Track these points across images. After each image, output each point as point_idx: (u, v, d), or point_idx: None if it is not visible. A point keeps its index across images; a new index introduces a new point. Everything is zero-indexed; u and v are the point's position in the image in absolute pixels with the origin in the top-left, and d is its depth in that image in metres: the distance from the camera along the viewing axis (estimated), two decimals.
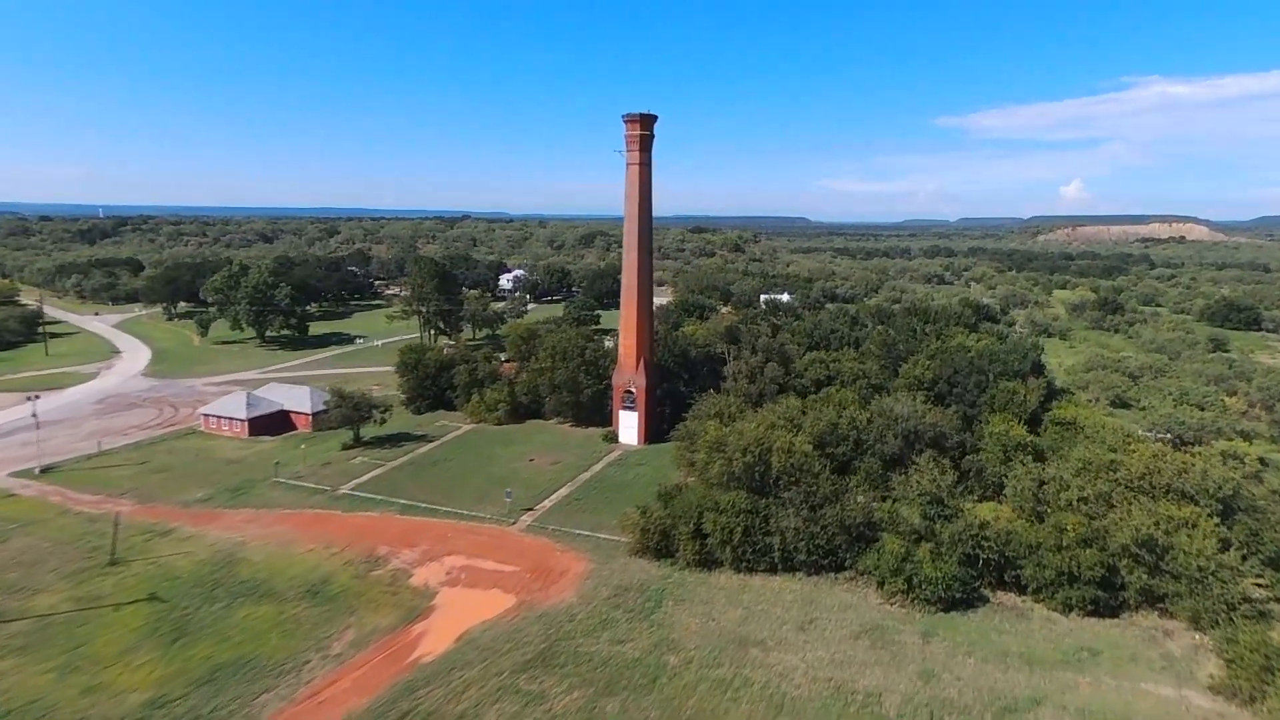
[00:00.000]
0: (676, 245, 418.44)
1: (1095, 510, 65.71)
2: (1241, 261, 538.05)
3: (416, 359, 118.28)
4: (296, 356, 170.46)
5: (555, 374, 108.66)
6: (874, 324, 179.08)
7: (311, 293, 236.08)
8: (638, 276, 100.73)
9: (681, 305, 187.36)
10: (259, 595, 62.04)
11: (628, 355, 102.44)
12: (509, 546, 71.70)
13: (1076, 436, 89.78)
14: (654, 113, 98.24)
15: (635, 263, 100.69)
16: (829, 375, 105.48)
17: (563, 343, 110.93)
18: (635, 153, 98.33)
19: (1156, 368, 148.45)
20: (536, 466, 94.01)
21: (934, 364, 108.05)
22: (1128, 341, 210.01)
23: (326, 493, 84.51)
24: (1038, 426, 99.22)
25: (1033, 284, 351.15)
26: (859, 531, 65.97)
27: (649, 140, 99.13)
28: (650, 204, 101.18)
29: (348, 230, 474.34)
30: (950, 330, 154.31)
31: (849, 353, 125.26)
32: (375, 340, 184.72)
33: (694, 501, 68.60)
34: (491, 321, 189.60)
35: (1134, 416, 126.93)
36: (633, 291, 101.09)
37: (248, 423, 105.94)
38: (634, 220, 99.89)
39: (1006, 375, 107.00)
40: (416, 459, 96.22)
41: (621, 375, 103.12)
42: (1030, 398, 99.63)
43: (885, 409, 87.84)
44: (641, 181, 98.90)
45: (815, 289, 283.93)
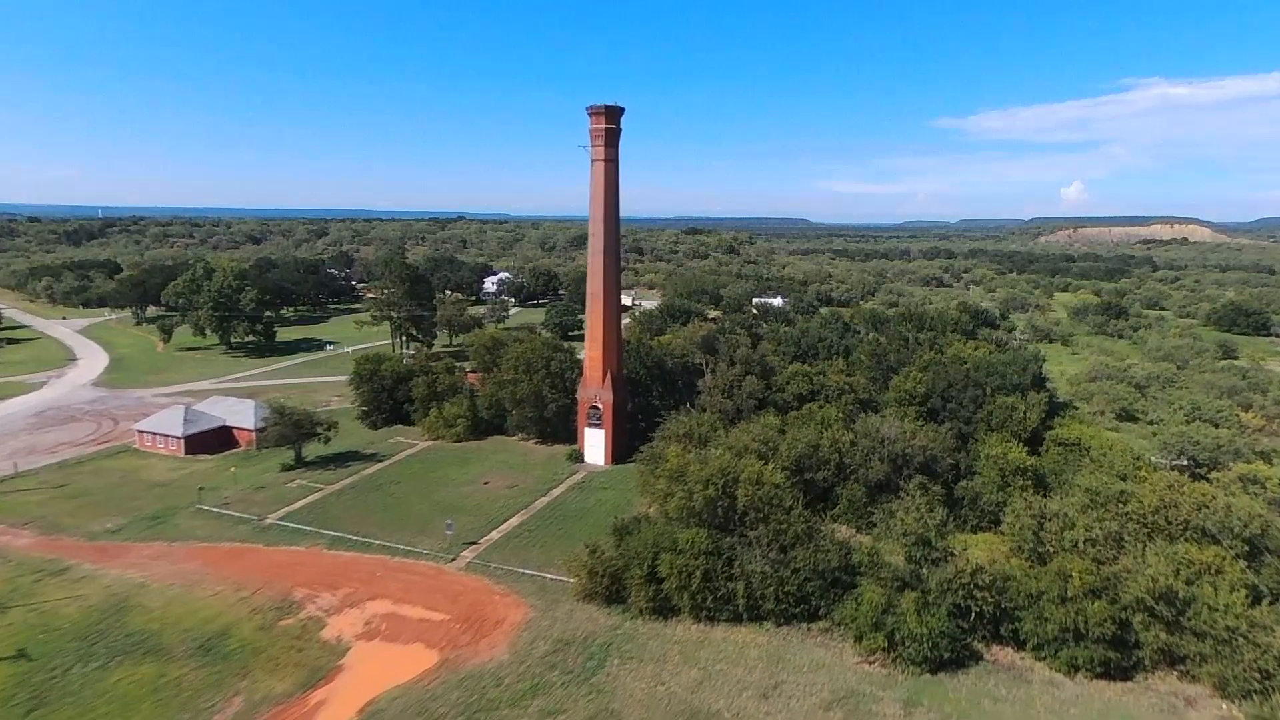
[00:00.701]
0: (670, 247, 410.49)
1: (1104, 553, 57.62)
2: (1245, 263, 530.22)
3: (372, 370, 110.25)
4: (262, 364, 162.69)
5: (518, 387, 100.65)
6: (867, 330, 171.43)
7: (287, 296, 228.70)
8: (604, 282, 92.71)
9: (667, 310, 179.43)
10: (143, 651, 53.97)
11: (593, 368, 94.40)
12: (443, 589, 63.62)
13: (1081, 460, 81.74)
14: (620, 105, 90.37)
15: (601, 267, 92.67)
16: (812, 389, 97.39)
17: (527, 353, 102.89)
18: (601, 148, 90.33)
19: (1164, 378, 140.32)
20: (490, 490, 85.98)
21: (927, 376, 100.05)
22: (1132, 348, 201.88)
23: (252, 523, 76.42)
24: (1039, 446, 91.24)
25: (1033, 287, 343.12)
26: (834, 576, 57.89)
27: (615, 134, 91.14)
28: (617, 204, 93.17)
29: (337, 231, 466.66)
30: (947, 337, 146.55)
31: (838, 363, 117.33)
32: (346, 347, 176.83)
33: (650, 540, 60.53)
34: (469, 327, 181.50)
35: (1141, 431, 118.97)
36: (599, 299, 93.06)
37: (184, 440, 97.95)
38: (599, 221, 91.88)
39: (1005, 389, 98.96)
40: (360, 482, 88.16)
41: (587, 389, 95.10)
42: (1030, 415, 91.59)
43: (871, 429, 79.78)
44: (607, 179, 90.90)
45: (810, 292, 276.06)
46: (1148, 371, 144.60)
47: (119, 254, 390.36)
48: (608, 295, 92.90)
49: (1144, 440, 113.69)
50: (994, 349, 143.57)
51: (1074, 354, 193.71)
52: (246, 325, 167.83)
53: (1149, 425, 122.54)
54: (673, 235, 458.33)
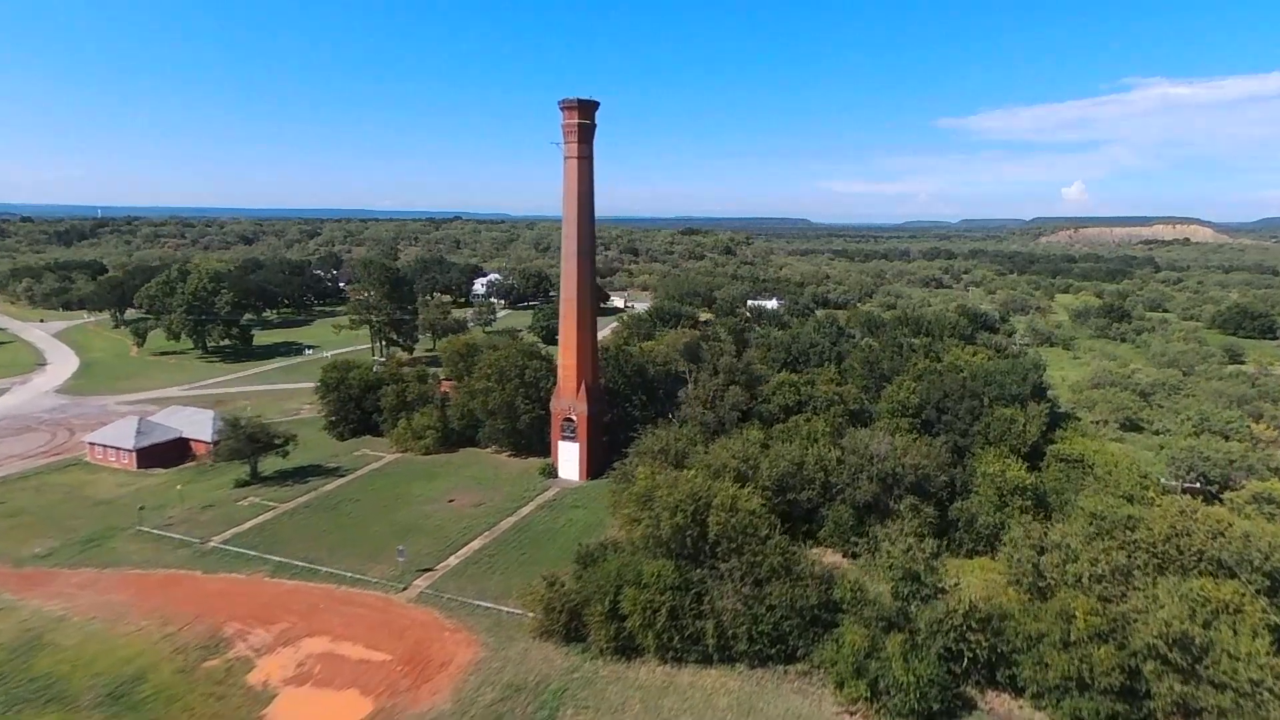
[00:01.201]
0: (665, 247, 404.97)
1: (1111, 590, 52.25)
2: (1248, 264, 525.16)
3: (339, 378, 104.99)
4: (237, 369, 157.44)
5: (490, 397, 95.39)
6: (862, 334, 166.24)
7: (270, 298, 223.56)
8: (578, 287, 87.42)
9: (657, 313, 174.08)
10: (47, 699, 48.77)
11: (567, 378, 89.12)
12: (389, 623, 58.38)
13: (1085, 478, 76.44)
14: (595, 99, 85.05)
15: (575, 271, 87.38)
16: (800, 400, 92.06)
17: (500, 361, 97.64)
18: (574, 144, 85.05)
19: (1170, 384, 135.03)
20: (455, 509, 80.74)
21: (921, 386, 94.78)
22: (1135, 352, 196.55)
23: (194, 546, 71.18)
24: (1039, 460, 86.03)
25: (1034, 288, 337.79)
26: (813, 614, 52.63)
27: (590, 130, 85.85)
28: (592, 203, 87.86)
29: (329, 232, 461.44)
30: (944, 343, 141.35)
31: (829, 370, 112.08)
32: (325, 352, 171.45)
33: (613, 571, 55.27)
34: (452, 331, 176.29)
35: (1146, 441, 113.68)
36: (573, 304, 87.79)
37: (136, 453, 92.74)
38: (573, 222, 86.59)
39: (1003, 400, 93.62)
40: (317, 500, 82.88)
41: (560, 400, 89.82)
42: (1030, 427, 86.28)
43: (859, 446, 74.45)
44: (581, 178, 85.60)
45: (806, 294, 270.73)
46: (1152, 378, 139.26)
47: (108, 255, 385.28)
48: (582, 301, 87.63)
49: (1149, 452, 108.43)
50: (993, 355, 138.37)
51: (1075, 358, 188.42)
52: (221, 329, 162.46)
53: (1155, 435, 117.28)
54: (668, 235, 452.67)
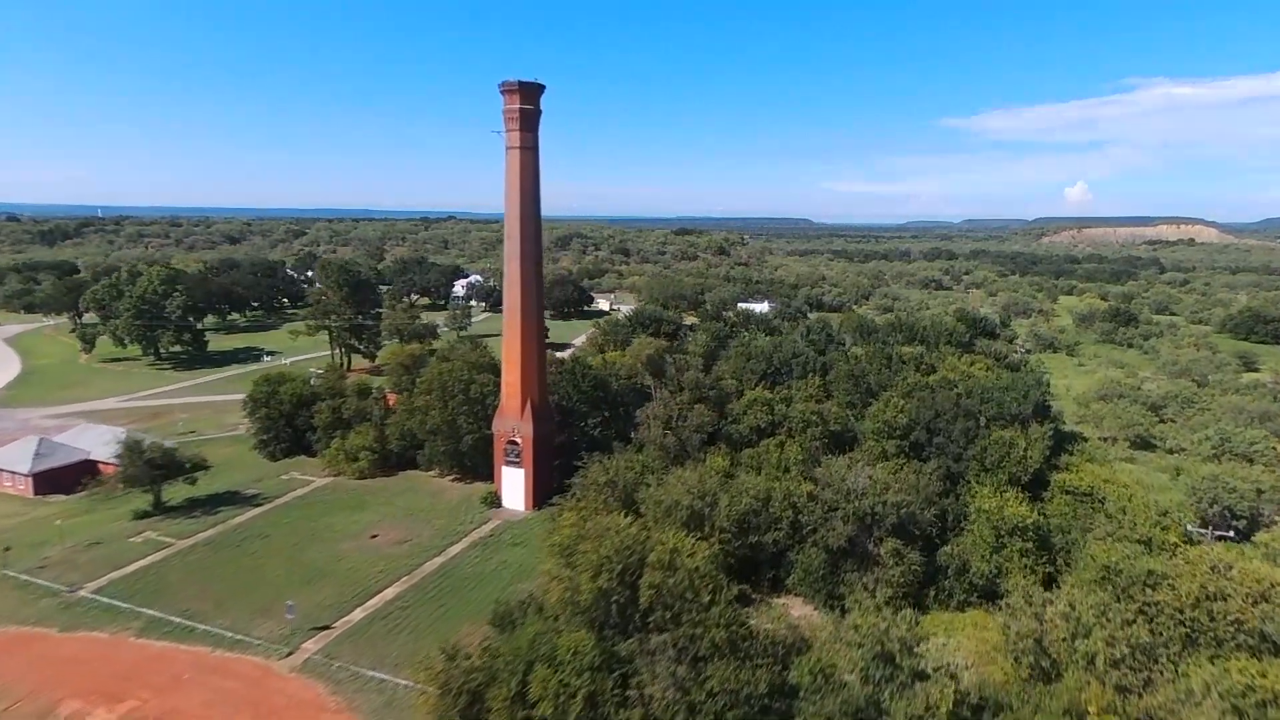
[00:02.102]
0: (658, 248, 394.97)
1: (1131, 677, 42.34)
2: (1255, 265, 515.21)
3: (269, 392, 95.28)
4: (187, 377, 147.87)
5: (429, 415, 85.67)
6: (853, 340, 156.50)
7: (238, 301, 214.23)
8: (522, 294, 77.54)
9: (637, 318, 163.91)
10: None
11: (511, 395, 79.33)
12: (261, 701, 48.63)
13: (1095, 515, 66.56)
14: (540, 81, 75.26)
15: (519, 275, 77.52)
16: (773, 421, 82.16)
17: (442, 375, 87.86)
18: (516, 132, 75.26)
19: (1183, 397, 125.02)
20: (377, 546, 71.00)
21: (910, 404, 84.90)
22: (1143, 359, 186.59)
23: (60, 595, 61.42)
24: (1042, 489, 76.25)
25: (1036, 290, 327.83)
26: (763, 704, 42.78)
27: (534, 117, 76.02)
28: (537, 199, 77.97)
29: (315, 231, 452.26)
30: (940, 351, 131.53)
31: (813, 383, 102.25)
32: (285, 359, 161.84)
33: (525, 644, 45.38)
34: (420, 336, 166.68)
35: (1160, 462, 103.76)
36: (516, 313, 77.96)
37: (32, 478, 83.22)
38: (516, 221, 76.75)
39: (1002, 419, 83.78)
40: (221, 535, 73.10)
41: (503, 421, 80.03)
42: (1032, 452, 76.34)
43: (835, 478, 64.59)
44: (524, 170, 75.77)
45: (799, 296, 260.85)
46: (1164, 390, 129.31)
47: (88, 255, 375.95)
48: (526, 309, 77.80)
49: (1163, 474, 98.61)
50: (992, 364, 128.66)
51: (1080, 365, 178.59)
52: (172, 334, 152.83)
53: (1169, 454, 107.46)
54: (661, 235, 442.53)
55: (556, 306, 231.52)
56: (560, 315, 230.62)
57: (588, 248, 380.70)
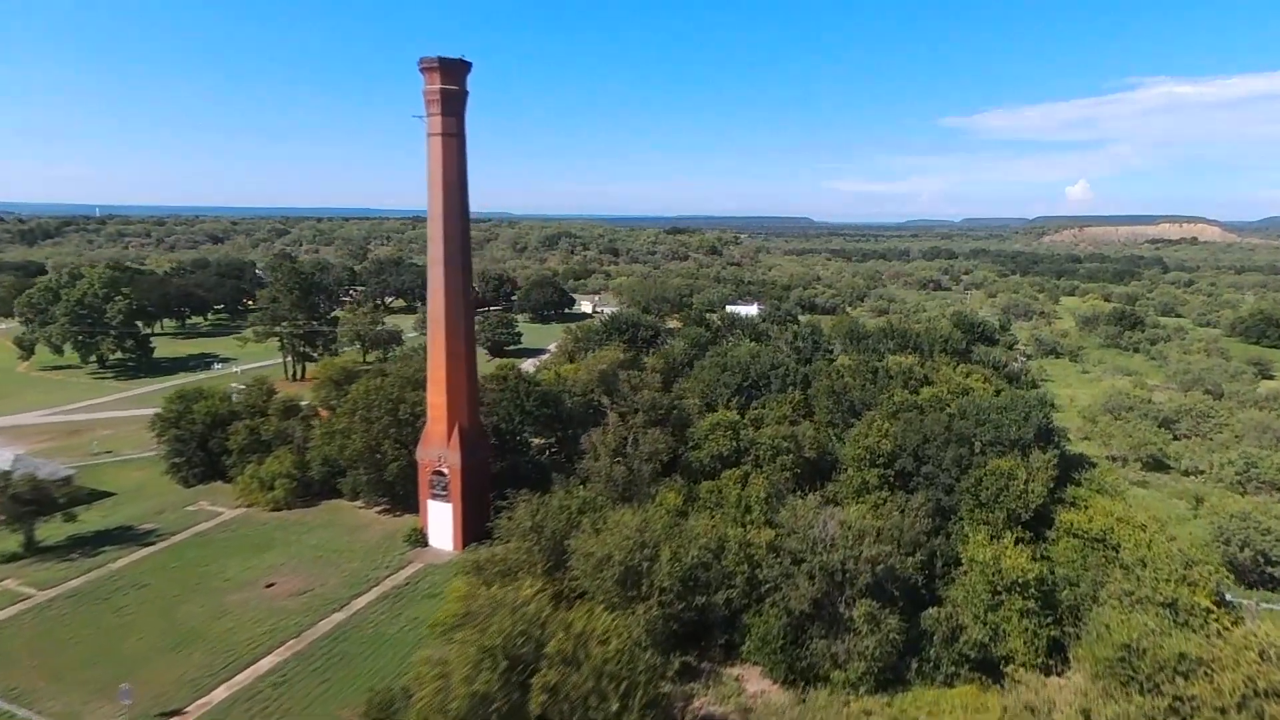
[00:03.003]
0: (648, 248, 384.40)
1: None
2: (1260, 264, 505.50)
3: (180, 411, 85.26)
4: (129, 387, 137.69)
5: (351, 439, 75.63)
6: (843, 346, 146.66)
7: (199, 304, 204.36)
8: (447, 303, 67.31)
9: (612, 323, 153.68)
10: None
11: (436, 420, 69.18)
12: None
13: (1109, 567, 56.48)
14: (465, 59, 65.13)
15: (443, 282, 67.28)
16: (738, 448, 71.98)
17: (368, 394, 77.78)
18: (437, 117, 65.10)
19: (1198, 411, 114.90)
20: (269, 599, 60.96)
21: (896, 427, 74.84)
22: (1151, 365, 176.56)
23: None
24: (1046, 527, 66.27)
25: (1037, 290, 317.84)
26: None
27: (459, 100, 65.83)
28: (464, 194, 67.71)
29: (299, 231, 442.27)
30: (934, 360, 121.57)
31: (793, 397, 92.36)
32: (237, 366, 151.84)
33: None
34: (384, 342, 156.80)
35: (1175, 487, 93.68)
36: (440, 325, 67.75)
37: None
38: (439, 220, 66.54)
39: (1000, 446, 73.68)
40: (91, 585, 62.93)
41: (428, 448, 69.91)
42: (1034, 486, 66.22)
43: (801, 524, 54.50)
44: (447, 160, 65.58)
45: (791, 298, 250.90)
46: (1177, 404, 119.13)
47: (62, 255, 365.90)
48: (453, 320, 67.62)
49: (1179, 500, 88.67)
50: (990, 374, 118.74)
51: (1085, 373, 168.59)
52: (112, 341, 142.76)
53: (1184, 476, 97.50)
54: (652, 234, 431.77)
55: (535, 309, 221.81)
56: (540, 319, 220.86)
57: (576, 247, 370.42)
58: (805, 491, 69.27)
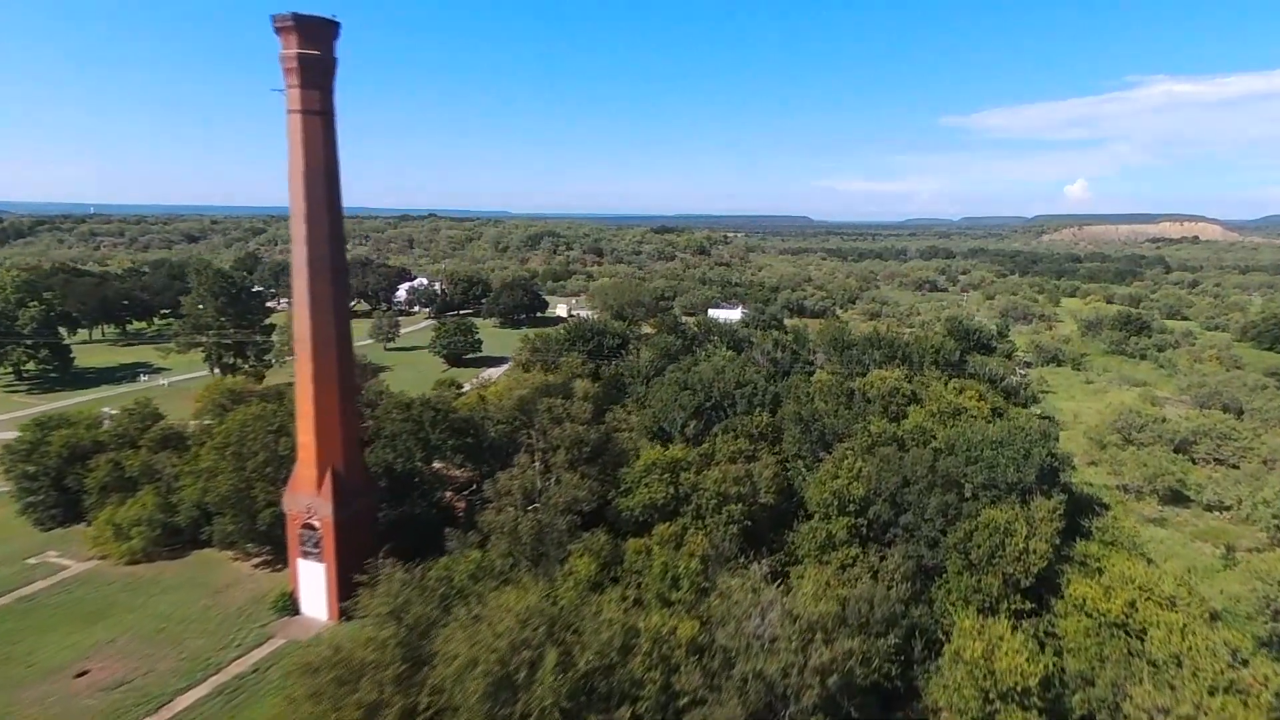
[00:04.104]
0: (633, 248, 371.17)
1: None
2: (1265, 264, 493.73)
3: (32, 443, 72.66)
4: (45, 401, 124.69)
5: (217, 481, 63.04)
6: (827, 356, 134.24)
7: (144, 308, 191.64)
8: (313, 320, 54.52)
9: (576, 331, 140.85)
10: None
11: (305, 462, 56.51)
12: None
13: (1135, 663, 44.00)
14: (332, 18, 52.40)
15: (307, 294, 54.50)
16: (676, 495, 59.29)
17: (244, 424, 65.12)
18: (296, 89, 52.35)
19: (1217, 432, 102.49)
20: (73, 695, 48.34)
21: (872, 465, 62.37)
22: (1159, 374, 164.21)
23: None
24: (1052, 593, 53.92)
25: (1037, 291, 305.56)
26: None
27: (323, 67, 53.04)
28: (336, 185, 54.90)
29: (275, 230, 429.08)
30: (924, 375, 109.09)
31: (758, 420, 79.92)
32: (166, 378, 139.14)
33: None
34: None
35: (1197, 525, 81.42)
36: (306, 347, 55.02)
37: None
38: (301, 217, 53.79)
39: (994, 489, 61.26)
40: None
41: (296, 496, 57.23)
42: (1037, 543, 53.81)
43: (736, 611, 41.94)
44: (309, 142, 52.81)
45: (778, 300, 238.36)
46: (1195, 423, 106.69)
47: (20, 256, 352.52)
48: (322, 342, 54.89)
49: (1203, 542, 76.36)
50: (985, 390, 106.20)
51: (1089, 383, 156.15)
52: (25, 350, 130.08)
53: (1207, 511, 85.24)
54: (638, 234, 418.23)
55: (505, 313, 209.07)
56: (510, 323, 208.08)
57: (559, 247, 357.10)
58: (756, 551, 56.98)
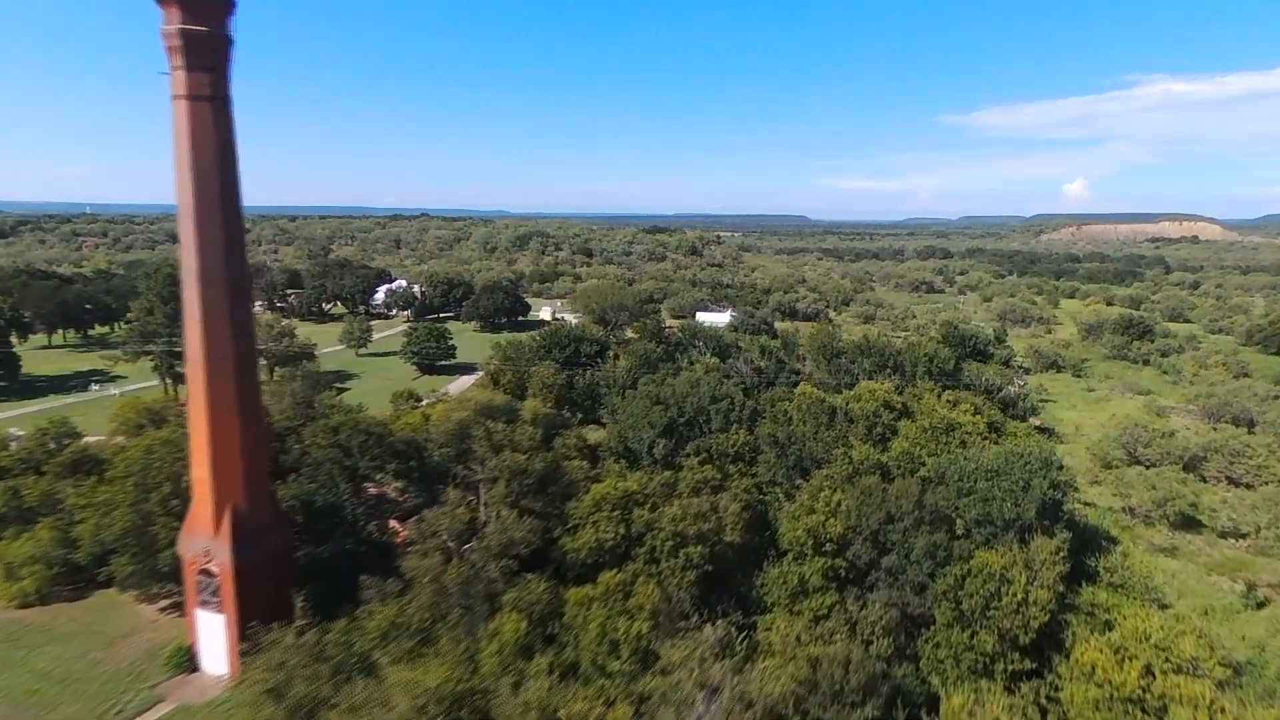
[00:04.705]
0: (623, 248, 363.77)
1: None
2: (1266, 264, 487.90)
3: None
4: None
5: (115, 515, 55.92)
6: (815, 364, 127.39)
7: (108, 312, 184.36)
8: (206, 338, 47.28)
9: (551, 338, 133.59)
10: None
11: (201, 500, 49.34)
12: None
13: None
14: None
15: (200, 308, 47.26)
16: (628, 536, 52.11)
17: (148, 452, 57.97)
18: (181, 71, 45.18)
19: (1229, 449, 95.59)
20: None
21: (850, 499, 55.33)
22: (1164, 382, 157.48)
23: None
24: (1054, 650, 47.00)
25: (1036, 292, 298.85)
26: None
27: (214, 46, 45.81)
28: (231, 181, 47.65)
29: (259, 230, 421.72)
30: (916, 387, 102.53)
31: (735, 439, 73.18)
32: (116, 389, 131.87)
33: None
34: (295, 359, 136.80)
35: (1212, 555, 74.63)
36: (199, 369, 47.81)
37: None
38: (190, 219, 46.55)
39: (990, 526, 54.34)
40: None
41: (191, 539, 50.08)
42: (1038, 593, 46.93)
43: (679, 696, 34.88)
44: (197, 133, 45.56)
45: (770, 303, 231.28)
46: (1204, 438, 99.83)
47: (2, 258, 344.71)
48: (215, 363, 47.65)
49: (1221, 576, 69.48)
50: (982, 402, 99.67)
51: (1090, 390, 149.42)
52: None
53: (1221, 539, 78.38)
54: (629, 234, 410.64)
55: (486, 317, 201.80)
56: (491, 327, 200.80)
57: (547, 247, 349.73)
58: (719, 598, 50.01)
